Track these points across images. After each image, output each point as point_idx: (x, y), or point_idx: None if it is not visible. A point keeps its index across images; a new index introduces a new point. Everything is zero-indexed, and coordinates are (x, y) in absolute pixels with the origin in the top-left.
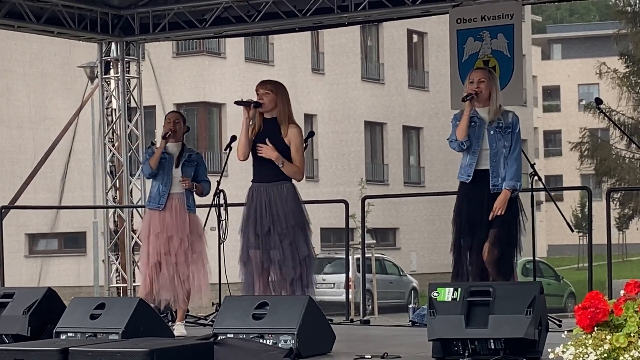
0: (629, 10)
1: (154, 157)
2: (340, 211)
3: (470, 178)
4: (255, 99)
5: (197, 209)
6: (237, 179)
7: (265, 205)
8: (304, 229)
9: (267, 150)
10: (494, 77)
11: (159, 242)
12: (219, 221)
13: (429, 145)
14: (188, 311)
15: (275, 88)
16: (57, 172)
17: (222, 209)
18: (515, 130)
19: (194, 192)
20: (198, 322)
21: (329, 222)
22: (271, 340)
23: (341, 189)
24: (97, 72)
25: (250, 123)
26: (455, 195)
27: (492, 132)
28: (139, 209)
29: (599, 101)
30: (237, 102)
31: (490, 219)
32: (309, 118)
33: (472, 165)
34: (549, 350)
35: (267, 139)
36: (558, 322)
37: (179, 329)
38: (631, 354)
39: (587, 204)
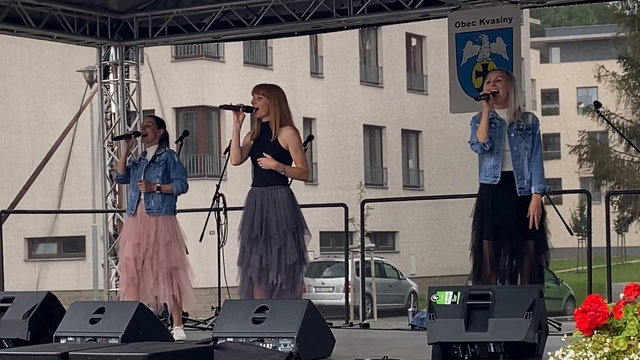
0: (628, 13)
1: (120, 163)
2: (340, 215)
3: (498, 179)
4: (251, 103)
5: (196, 212)
6: (236, 182)
7: (257, 209)
8: (296, 235)
9: (266, 162)
10: (512, 78)
11: (131, 249)
12: (219, 225)
13: (428, 149)
14: (187, 314)
15: (268, 92)
16: (55, 176)
17: (221, 212)
18: (536, 132)
19: (171, 193)
20: (198, 326)
21: (328, 226)
22: (271, 344)
23: (340, 192)
24: (96, 76)
25: (249, 129)
26: (454, 199)
27: (512, 135)
28: None
29: (597, 104)
30: (223, 106)
31: (530, 227)
32: (308, 122)
33: (498, 166)
34: (549, 353)
35: (263, 152)
36: (557, 326)
37: (178, 333)
38: (631, 357)
39: (586, 207)
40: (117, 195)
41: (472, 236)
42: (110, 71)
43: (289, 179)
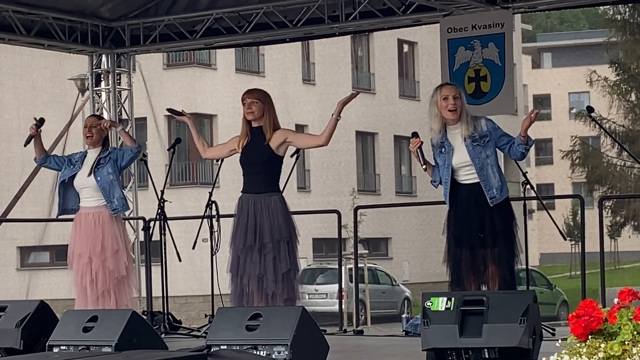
0: (619, 18)
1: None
2: (332, 221)
3: (449, 205)
4: (241, 109)
5: (189, 220)
6: (229, 190)
7: (250, 217)
8: (289, 243)
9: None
10: (461, 89)
11: (76, 263)
12: (212, 232)
13: None
14: (180, 322)
15: (262, 97)
16: (45, 185)
17: (214, 220)
18: (493, 135)
19: (127, 143)
20: (191, 334)
21: (320, 233)
22: (265, 352)
23: (332, 199)
24: (88, 84)
25: (237, 134)
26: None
27: (470, 148)
28: (131, 221)
29: (590, 109)
30: (170, 110)
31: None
32: (300, 128)
33: (446, 194)
34: (544, 359)
35: (253, 157)
36: (551, 331)
37: None
38: None
39: (579, 212)
40: None
41: (445, 247)
42: (102, 79)
43: (280, 186)
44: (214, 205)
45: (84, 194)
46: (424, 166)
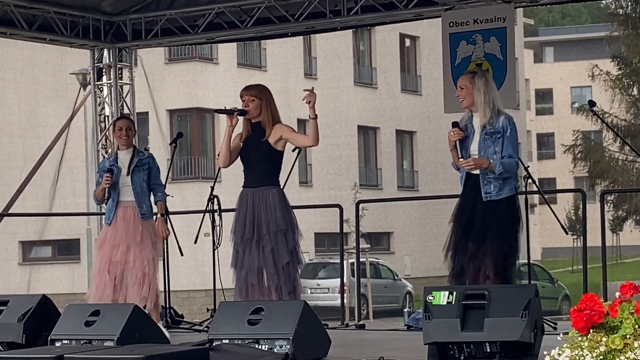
0: (621, 12)
1: (98, 191)
2: (334, 216)
3: (461, 189)
4: (241, 104)
5: (192, 214)
6: (230, 184)
7: (249, 211)
8: (287, 236)
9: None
10: (479, 78)
11: (103, 252)
12: (213, 227)
13: (422, 149)
14: (182, 316)
15: (259, 93)
16: (46, 179)
17: (216, 214)
18: (506, 135)
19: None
20: (193, 328)
21: (322, 227)
22: (267, 346)
23: (333, 193)
24: (90, 78)
25: (238, 131)
26: (449, 199)
27: (481, 138)
28: None
29: (592, 104)
30: (217, 111)
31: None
32: (301, 123)
33: (462, 177)
34: (545, 352)
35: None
36: (553, 325)
37: None
38: (627, 355)
39: (580, 206)
40: None
41: (448, 237)
42: (104, 73)
43: (279, 180)
44: (215, 199)
45: (124, 190)
46: (461, 159)
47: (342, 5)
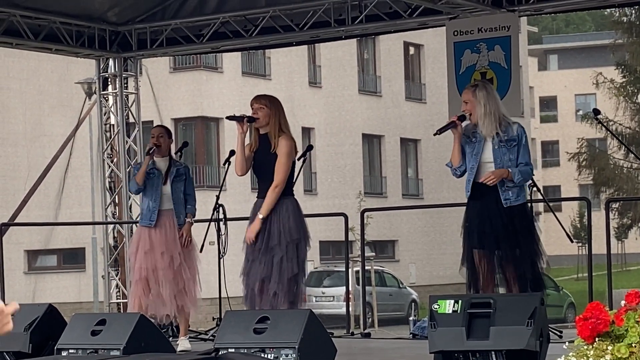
0: (625, 20)
1: (140, 173)
2: (338, 224)
3: (469, 193)
4: (250, 113)
5: (196, 223)
6: (236, 193)
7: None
8: (298, 246)
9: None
10: (479, 91)
11: (147, 259)
12: (219, 235)
13: (427, 157)
14: (189, 325)
15: (269, 102)
16: (51, 189)
17: (221, 223)
18: (521, 142)
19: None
20: (199, 337)
21: (326, 235)
22: (272, 355)
23: (337, 201)
24: (95, 88)
25: (247, 138)
26: (453, 207)
27: (496, 147)
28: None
29: (596, 112)
30: (229, 117)
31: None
32: (306, 131)
33: (470, 180)
34: None
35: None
36: (558, 333)
37: (182, 343)
38: None
39: (585, 214)
40: (116, 207)
41: (463, 248)
42: (109, 83)
43: (292, 189)
44: (221, 208)
45: (162, 198)
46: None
47: (347, 15)
